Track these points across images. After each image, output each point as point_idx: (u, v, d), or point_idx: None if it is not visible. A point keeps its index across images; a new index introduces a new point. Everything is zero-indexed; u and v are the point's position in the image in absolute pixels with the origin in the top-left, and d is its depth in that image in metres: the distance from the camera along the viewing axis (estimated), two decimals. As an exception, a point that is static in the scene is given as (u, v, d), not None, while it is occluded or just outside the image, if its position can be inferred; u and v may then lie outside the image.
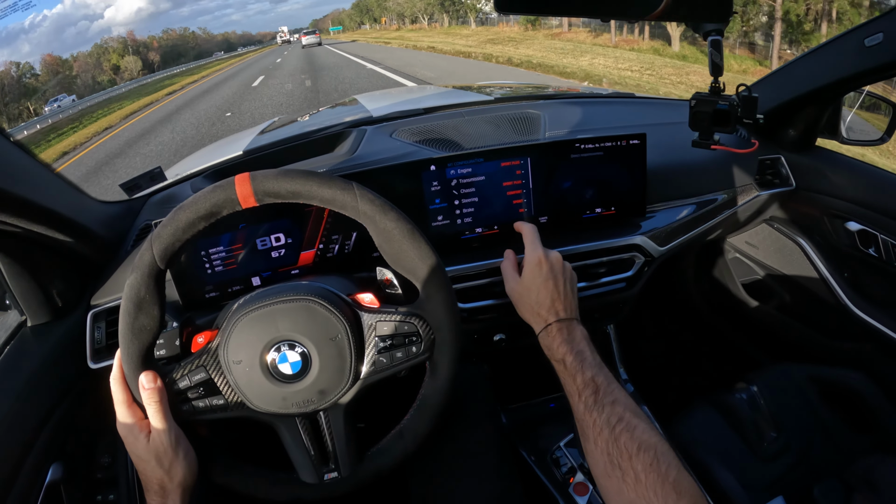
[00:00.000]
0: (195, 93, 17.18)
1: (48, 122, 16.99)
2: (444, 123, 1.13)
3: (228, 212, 0.60)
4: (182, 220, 0.59)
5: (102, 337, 0.83)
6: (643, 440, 0.57)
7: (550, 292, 0.73)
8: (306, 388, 0.63)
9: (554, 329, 0.70)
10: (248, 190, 0.60)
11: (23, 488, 0.65)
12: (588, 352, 0.68)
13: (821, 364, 1.10)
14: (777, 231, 1.23)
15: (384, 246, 0.64)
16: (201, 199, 0.59)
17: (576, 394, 0.65)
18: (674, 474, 0.54)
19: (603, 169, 0.92)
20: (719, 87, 0.95)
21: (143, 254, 0.59)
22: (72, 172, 7.49)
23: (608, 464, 0.58)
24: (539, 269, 0.74)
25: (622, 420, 0.59)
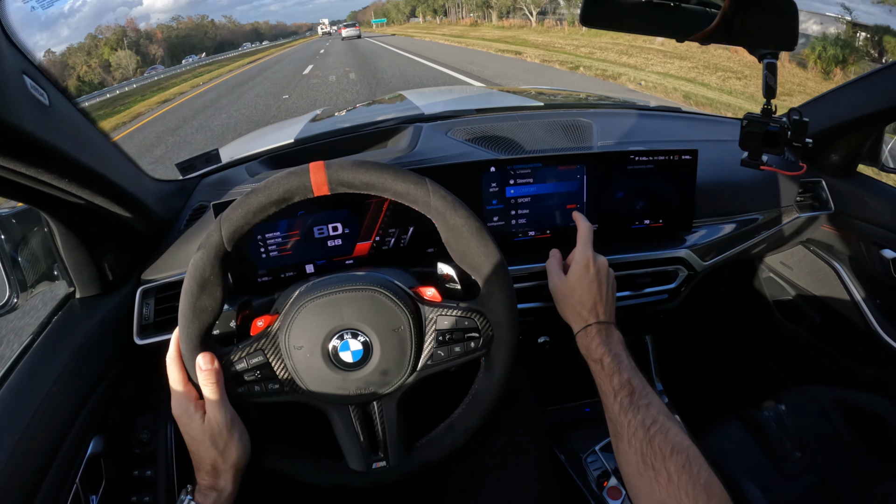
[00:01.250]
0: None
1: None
2: (499, 126, 1.14)
3: (300, 198, 0.61)
4: (254, 204, 0.59)
5: (150, 313, 0.84)
6: (676, 443, 0.58)
7: (594, 294, 0.74)
8: (365, 377, 0.64)
9: (593, 330, 0.72)
10: (323, 178, 0.60)
11: (64, 459, 0.66)
12: (624, 355, 0.70)
13: (848, 388, 1.12)
14: (813, 253, 1.24)
15: (451, 241, 0.65)
16: (274, 183, 0.60)
17: (611, 394, 0.66)
18: (705, 476, 0.56)
19: (654, 182, 0.94)
20: (771, 109, 0.96)
21: (210, 234, 0.60)
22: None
23: (641, 463, 0.59)
24: (587, 270, 0.76)
25: (656, 422, 0.61)
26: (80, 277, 0.81)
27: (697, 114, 1.46)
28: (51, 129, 0.58)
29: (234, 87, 15.05)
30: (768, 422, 1.05)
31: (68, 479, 0.66)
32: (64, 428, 0.67)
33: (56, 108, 0.60)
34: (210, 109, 11.03)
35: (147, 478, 0.81)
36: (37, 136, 0.55)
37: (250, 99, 11.68)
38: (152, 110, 12.56)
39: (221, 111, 10.48)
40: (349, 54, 20.90)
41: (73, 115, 0.66)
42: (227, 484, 0.63)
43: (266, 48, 51.57)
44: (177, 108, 12.40)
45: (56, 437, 0.66)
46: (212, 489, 0.62)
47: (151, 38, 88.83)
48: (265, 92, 12.60)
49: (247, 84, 15.45)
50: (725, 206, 1.06)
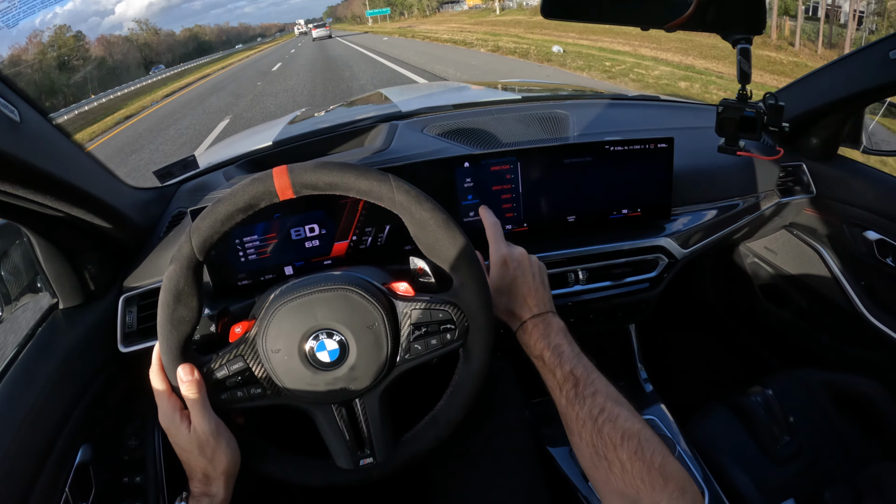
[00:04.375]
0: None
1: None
2: (475, 121, 1.14)
3: (266, 204, 0.61)
4: (221, 213, 0.60)
5: (133, 321, 0.84)
6: (626, 428, 0.57)
7: (520, 289, 0.72)
8: (343, 376, 0.64)
9: (529, 325, 0.70)
10: (286, 182, 0.60)
11: (54, 469, 0.65)
12: (565, 344, 0.67)
13: (835, 370, 1.12)
14: (796, 237, 1.24)
15: (419, 235, 0.65)
16: (239, 191, 0.60)
17: (556, 388, 0.65)
18: (659, 460, 0.54)
19: (631, 171, 0.94)
20: (746, 95, 0.96)
21: (181, 246, 0.60)
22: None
23: (594, 455, 0.58)
24: (505, 267, 0.73)
25: (604, 411, 0.59)
26: (62, 288, 0.81)
27: (676, 101, 1.46)
28: (23, 146, 0.58)
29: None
30: (756, 407, 1.05)
31: (58, 487, 0.66)
32: (52, 437, 0.67)
33: (28, 125, 0.60)
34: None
35: (137, 484, 0.80)
36: (9, 154, 0.55)
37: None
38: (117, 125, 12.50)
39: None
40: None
41: (45, 130, 0.66)
42: (218, 490, 0.63)
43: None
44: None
45: (44, 446, 0.65)
46: (204, 495, 0.62)
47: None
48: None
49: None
50: (705, 192, 1.06)
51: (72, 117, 17.33)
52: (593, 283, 0.95)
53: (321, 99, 9.85)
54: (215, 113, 10.70)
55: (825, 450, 1.04)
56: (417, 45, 20.19)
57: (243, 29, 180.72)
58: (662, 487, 0.53)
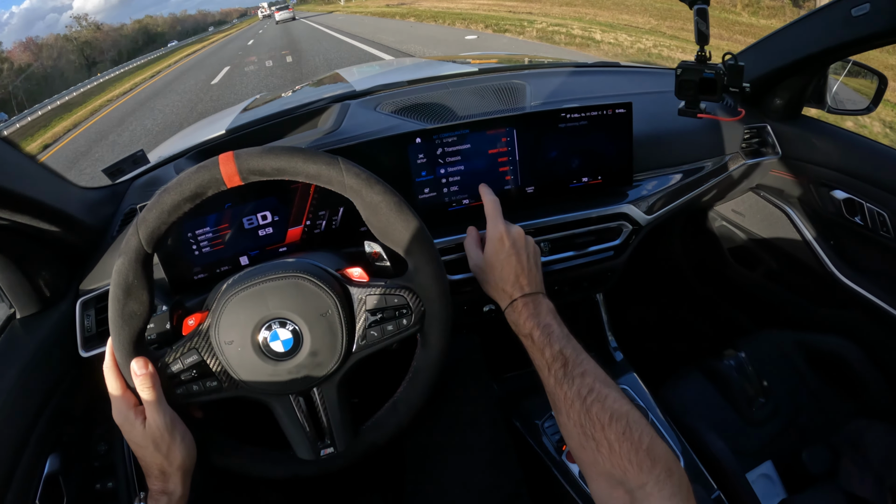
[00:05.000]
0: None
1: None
2: (429, 95, 1.11)
3: (214, 192, 0.60)
4: (167, 203, 0.58)
5: (92, 324, 0.82)
6: (614, 409, 0.57)
7: (514, 267, 0.72)
8: (299, 365, 0.63)
9: (519, 304, 0.70)
10: (233, 169, 0.59)
11: (22, 482, 0.65)
12: (555, 325, 0.67)
13: (807, 331, 1.12)
14: (763, 199, 1.23)
15: (371, 219, 0.64)
16: (185, 180, 0.59)
17: (545, 368, 0.65)
18: (647, 441, 0.55)
19: (589, 138, 0.92)
20: (705, 56, 0.94)
21: (129, 238, 0.59)
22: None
23: (582, 435, 0.58)
24: (501, 244, 0.73)
25: (592, 391, 0.59)
26: (16, 297, 0.79)
27: (637, 67, 1.44)
28: None
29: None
30: (729, 371, 1.04)
31: (27, 501, 0.65)
32: (17, 450, 0.66)
33: None
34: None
35: (109, 490, 0.79)
36: None
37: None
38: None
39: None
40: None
41: None
42: (176, 487, 0.62)
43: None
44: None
45: (9, 461, 0.64)
46: (162, 493, 0.61)
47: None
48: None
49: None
50: (669, 157, 1.05)
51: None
52: (556, 255, 0.93)
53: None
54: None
55: (801, 410, 1.04)
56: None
57: (201, 17, 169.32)
58: (650, 469, 0.53)
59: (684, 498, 0.53)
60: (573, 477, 0.84)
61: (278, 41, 19.05)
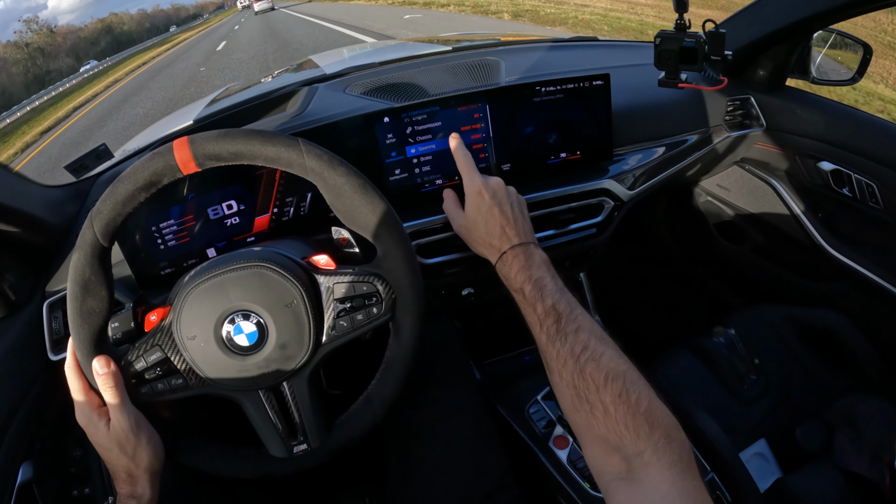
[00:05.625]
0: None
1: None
2: (400, 75, 1.08)
3: (169, 179, 0.58)
4: (121, 193, 0.56)
5: (60, 326, 0.80)
6: (610, 368, 0.53)
7: (498, 219, 0.68)
8: (265, 359, 0.60)
9: (510, 256, 0.66)
10: (188, 154, 0.57)
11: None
12: (548, 277, 0.63)
13: (797, 305, 1.09)
14: (749, 173, 1.21)
15: (336, 203, 0.61)
16: (139, 168, 0.57)
17: (537, 324, 0.61)
18: (645, 404, 0.50)
19: (566, 112, 0.88)
20: (685, 24, 0.92)
21: (83, 232, 0.57)
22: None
23: (575, 397, 0.54)
24: (481, 197, 0.70)
25: (587, 348, 0.55)
26: None
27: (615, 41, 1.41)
28: None
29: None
30: (719, 348, 1.02)
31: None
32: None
33: None
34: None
35: (86, 495, 0.77)
36: None
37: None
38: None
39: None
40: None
41: None
42: (144, 490, 0.60)
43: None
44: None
45: None
46: (130, 497, 0.60)
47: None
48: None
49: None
50: (650, 130, 1.02)
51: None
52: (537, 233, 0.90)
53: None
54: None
55: (793, 386, 1.02)
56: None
57: (174, 11, 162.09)
58: (648, 435, 0.49)
59: (685, 467, 0.49)
60: (561, 463, 0.81)
61: (256, 44, 16.55)
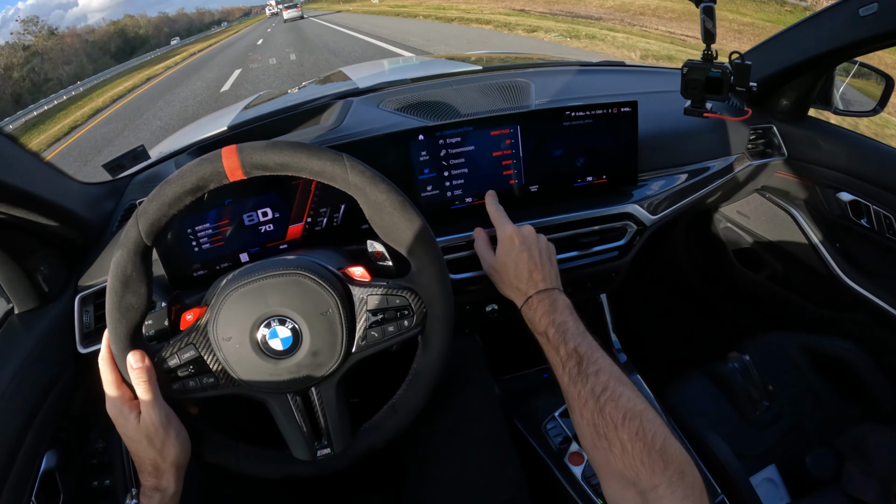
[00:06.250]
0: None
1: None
2: (433, 93, 1.10)
3: (216, 185, 0.59)
4: (168, 195, 0.58)
5: (91, 320, 0.82)
6: (628, 409, 0.56)
7: (527, 264, 0.72)
8: (297, 364, 0.62)
9: (535, 301, 0.70)
10: (236, 162, 0.58)
11: (18, 478, 0.64)
12: (571, 322, 0.67)
13: (812, 333, 1.11)
14: (769, 201, 1.22)
15: (375, 218, 0.63)
16: (187, 172, 0.58)
17: (560, 365, 0.64)
18: (660, 442, 0.54)
19: (594, 137, 0.91)
20: (712, 55, 0.94)
21: (128, 230, 0.58)
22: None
23: (595, 435, 0.57)
24: (512, 242, 0.74)
25: (606, 389, 0.58)
26: (15, 293, 0.79)
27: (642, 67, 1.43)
28: None
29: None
30: (734, 373, 1.03)
31: (24, 497, 0.65)
32: (14, 446, 0.65)
33: None
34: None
35: (106, 487, 0.79)
36: None
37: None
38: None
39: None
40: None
41: None
42: (169, 483, 0.61)
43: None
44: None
45: (6, 456, 0.64)
46: (155, 490, 0.61)
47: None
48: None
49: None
50: (674, 157, 1.04)
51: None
52: (560, 254, 0.92)
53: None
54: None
55: (805, 414, 1.03)
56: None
57: (198, 16, 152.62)
58: (662, 470, 0.52)
59: (697, 500, 0.52)
60: (575, 479, 0.83)
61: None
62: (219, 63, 15.25)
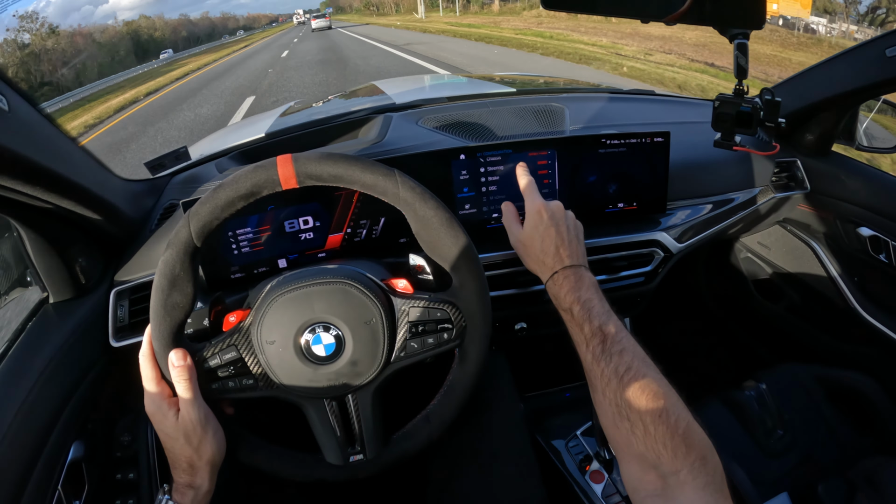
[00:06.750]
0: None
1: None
2: (470, 113, 1.13)
3: (269, 192, 0.61)
4: (221, 199, 0.59)
5: (125, 315, 0.83)
6: (652, 389, 0.55)
7: (553, 239, 0.71)
8: (338, 371, 0.63)
9: (560, 277, 0.68)
10: (290, 171, 0.60)
11: (45, 467, 0.65)
12: (596, 300, 0.65)
13: (828, 365, 1.12)
14: (790, 233, 1.25)
15: (421, 233, 0.65)
16: (242, 178, 0.59)
17: (583, 343, 0.63)
18: (683, 426, 0.52)
19: (627, 165, 0.93)
20: (743, 90, 0.96)
21: (179, 230, 0.59)
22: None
23: (616, 415, 0.56)
24: (540, 217, 0.72)
25: (630, 369, 0.57)
26: (52, 282, 0.80)
27: (671, 96, 1.46)
28: (11, 135, 0.57)
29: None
30: (749, 401, 1.05)
31: (50, 485, 0.65)
32: (43, 435, 0.66)
33: (16, 114, 0.59)
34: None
35: (130, 480, 0.80)
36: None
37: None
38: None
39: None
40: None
41: (34, 120, 0.64)
42: (203, 481, 0.62)
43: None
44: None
45: (36, 444, 0.65)
46: (189, 487, 0.61)
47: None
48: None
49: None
50: (700, 187, 1.06)
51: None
52: None
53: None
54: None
55: (818, 444, 1.04)
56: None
57: (221, 21, 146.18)
58: (685, 455, 0.51)
59: (718, 488, 0.51)
60: (596, 496, 0.85)
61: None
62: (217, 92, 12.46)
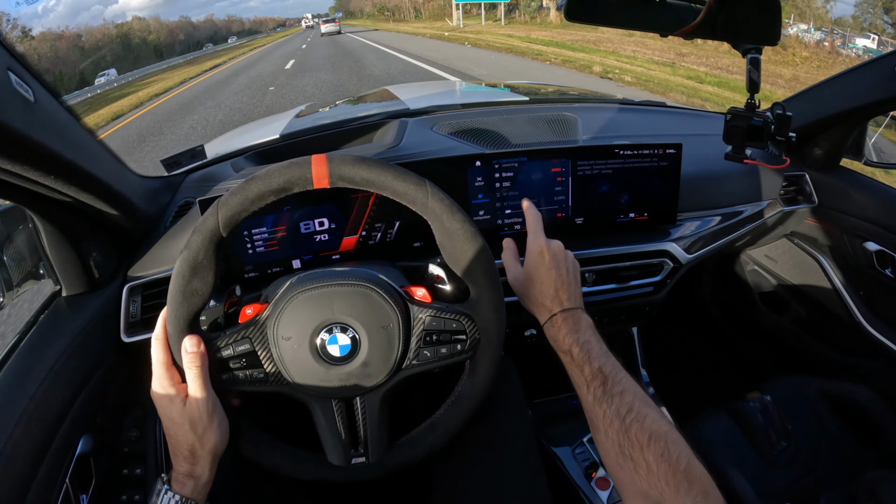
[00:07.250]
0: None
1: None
2: (484, 120, 1.14)
3: (300, 189, 0.61)
4: (253, 191, 0.59)
5: (137, 311, 0.84)
6: (654, 430, 0.56)
7: (553, 281, 0.71)
8: (350, 372, 0.64)
9: (559, 319, 0.69)
10: (324, 171, 0.60)
11: (54, 460, 0.65)
12: (594, 341, 0.66)
13: (832, 378, 1.13)
14: (797, 246, 1.26)
15: (445, 244, 0.65)
16: (275, 172, 0.59)
17: (584, 385, 0.63)
18: (685, 463, 0.53)
19: (639, 175, 0.95)
20: (755, 104, 0.97)
21: (206, 218, 0.59)
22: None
23: (619, 455, 0.57)
24: (541, 258, 0.72)
25: (632, 410, 0.58)
26: (66, 275, 0.80)
27: (682, 108, 1.47)
28: (36, 126, 0.57)
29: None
30: (754, 413, 1.06)
31: (58, 478, 0.66)
32: (52, 428, 0.66)
33: (41, 105, 0.59)
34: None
35: (137, 476, 0.80)
36: (22, 133, 0.54)
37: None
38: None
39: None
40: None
41: (58, 112, 0.65)
42: (203, 471, 0.62)
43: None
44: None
45: (45, 437, 0.65)
46: (188, 476, 0.61)
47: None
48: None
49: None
50: (710, 199, 1.07)
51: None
52: (600, 286, 0.96)
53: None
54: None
55: (821, 456, 1.05)
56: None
57: (225, 24, 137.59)
58: (687, 491, 0.52)
59: None
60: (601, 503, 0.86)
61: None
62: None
